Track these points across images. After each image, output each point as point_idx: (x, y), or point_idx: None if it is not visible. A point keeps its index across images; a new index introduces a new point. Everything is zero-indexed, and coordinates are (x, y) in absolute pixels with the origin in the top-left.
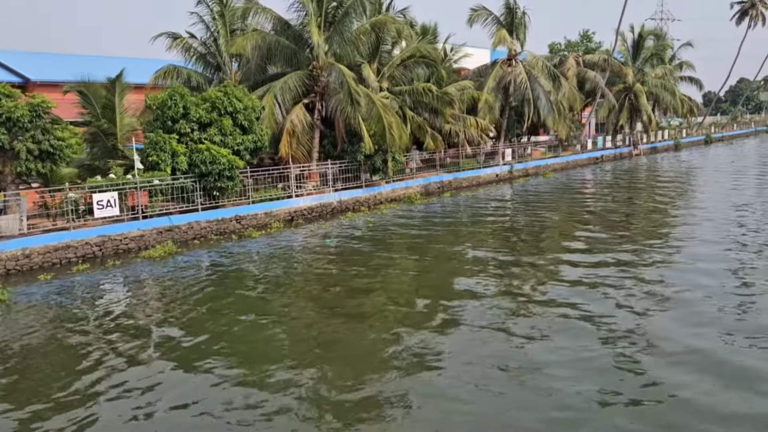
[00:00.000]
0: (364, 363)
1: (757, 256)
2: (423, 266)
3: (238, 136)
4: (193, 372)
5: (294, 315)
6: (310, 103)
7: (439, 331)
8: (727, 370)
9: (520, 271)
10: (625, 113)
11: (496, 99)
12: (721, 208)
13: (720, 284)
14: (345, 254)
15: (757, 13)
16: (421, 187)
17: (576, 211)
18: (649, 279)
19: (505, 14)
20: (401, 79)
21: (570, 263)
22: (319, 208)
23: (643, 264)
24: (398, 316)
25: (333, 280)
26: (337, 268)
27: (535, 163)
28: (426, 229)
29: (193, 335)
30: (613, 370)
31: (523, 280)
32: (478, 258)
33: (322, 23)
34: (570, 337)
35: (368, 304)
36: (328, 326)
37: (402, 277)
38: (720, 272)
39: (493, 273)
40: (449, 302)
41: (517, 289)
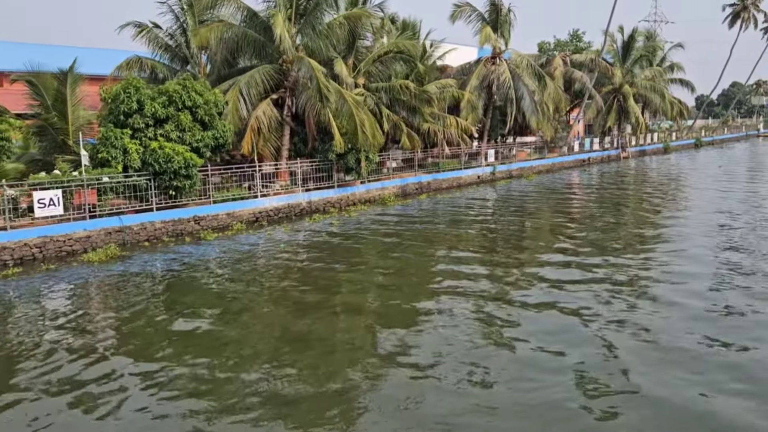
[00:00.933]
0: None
1: (744, 278)
2: (387, 279)
3: (197, 132)
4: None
5: (237, 338)
6: (279, 98)
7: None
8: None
9: (491, 281)
10: (613, 115)
11: (479, 98)
12: (705, 220)
13: (703, 306)
14: (300, 262)
15: (749, 15)
16: (398, 188)
17: (557, 218)
18: (633, 303)
19: (490, 11)
20: (378, 75)
21: (547, 280)
22: (287, 209)
23: (626, 284)
24: (348, 343)
25: (283, 293)
26: (295, 274)
27: (519, 164)
28: (397, 236)
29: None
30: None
31: (497, 291)
32: (451, 270)
33: (293, 15)
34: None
35: (316, 330)
36: (276, 352)
37: (359, 296)
38: (703, 293)
39: (463, 287)
40: (410, 333)
41: (489, 299)
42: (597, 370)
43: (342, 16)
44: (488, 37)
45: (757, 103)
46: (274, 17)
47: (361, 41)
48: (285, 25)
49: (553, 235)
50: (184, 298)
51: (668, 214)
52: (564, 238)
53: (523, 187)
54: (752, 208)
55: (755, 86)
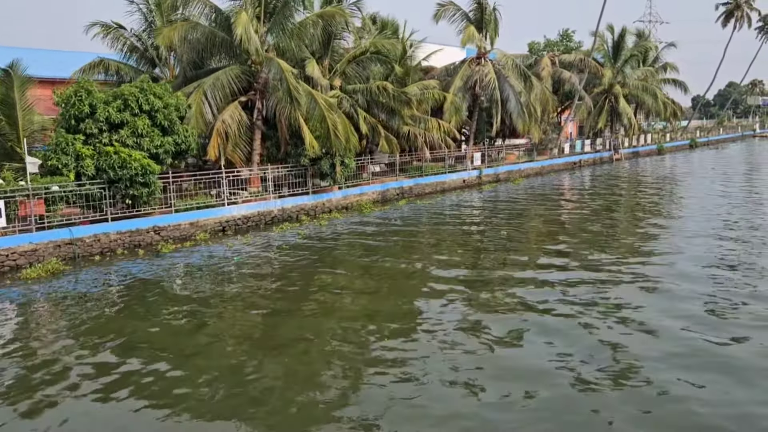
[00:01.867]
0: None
1: (738, 289)
2: (357, 301)
3: (156, 138)
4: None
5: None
6: (249, 101)
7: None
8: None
9: (471, 304)
10: (605, 116)
11: (463, 100)
12: (700, 230)
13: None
14: (256, 276)
15: (742, 14)
16: (377, 193)
17: (543, 226)
18: (624, 316)
19: (475, 10)
20: (355, 77)
21: (525, 304)
22: (257, 217)
23: (612, 308)
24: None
25: (237, 316)
26: (249, 295)
27: (507, 167)
28: (371, 248)
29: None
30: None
31: (475, 304)
32: (430, 289)
33: (262, 14)
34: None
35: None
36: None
37: (323, 324)
38: (697, 312)
39: (443, 306)
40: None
41: (468, 323)
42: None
43: (315, 15)
44: (472, 36)
45: (753, 103)
46: (237, 16)
47: (338, 41)
48: (253, 25)
49: (538, 245)
50: (120, 325)
51: (661, 222)
52: (549, 250)
53: (510, 191)
54: (750, 214)
55: (751, 86)
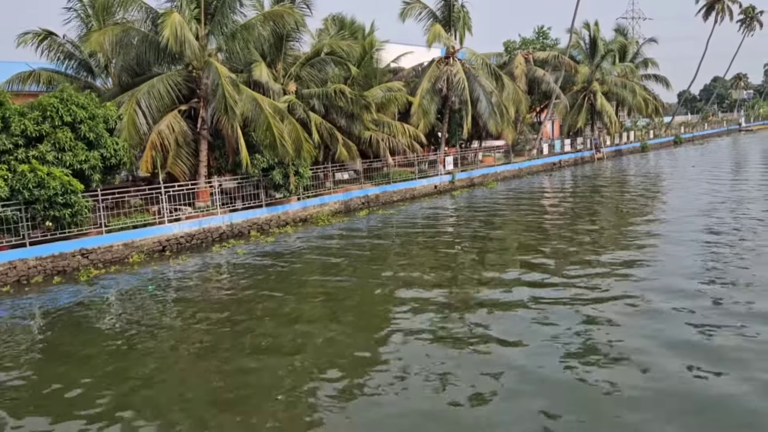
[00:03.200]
0: None
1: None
2: (304, 332)
3: (81, 152)
4: None
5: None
6: (191, 109)
7: None
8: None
9: (443, 327)
10: (584, 114)
11: (432, 102)
12: (685, 238)
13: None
14: (188, 305)
15: (723, 6)
16: (340, 203)
17: (518, 235)
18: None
19: (442, 7)
20: (312, 80)
21: (501, 341)
22: (202, 234)
23: (592, 340)
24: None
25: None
26: (166, 328)
27: (482, 171)
28: (324, 267)
29: None
30: None
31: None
32: (393, 316)
33: (202, 15)
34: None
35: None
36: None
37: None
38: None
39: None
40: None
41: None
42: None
43: (261, 15)
44: (438, 35)
45: (738, 97)
46: (166, 17)
47: (292, 43)
48: (191, 27)
49: (513, 259)
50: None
51: (643, 229)
52: (526, 264)
53: (484, 196)
54: (737, 217)
55: (735, 80)
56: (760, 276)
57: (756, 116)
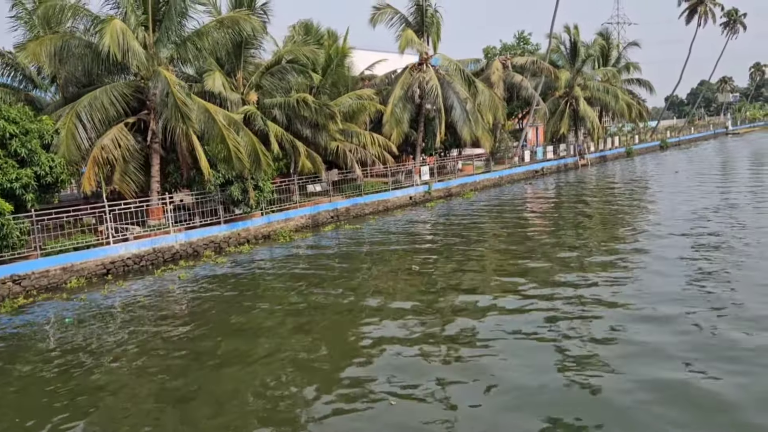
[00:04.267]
0: None
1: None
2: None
3: (11, 170)
4: None
5: None
6: (139, 122)
7: None
8: None
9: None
10: (566, 120)
11: (405, 110)
12: (669, 252)
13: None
14: (121, 341)
15: (705, 9)
16: (307, 217)
17: (494, 252)
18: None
19: (414, 13)
20: (274, 89)
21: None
22: (152, 254)
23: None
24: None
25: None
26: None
27: (460, 180)
28: (283, 294)
29: None
30: None
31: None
32: (359, 351)
33: (150, 21)
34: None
35: None
36: None
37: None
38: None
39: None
40: None
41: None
42: None
43: (215, 22)
44: (410, 40)
45: (724, 100)
46: (105, 24)
47: (251, 51)
48: (137, 34)
49: (486, 276)
50: None
51: (627, 246)
52: (503, 286)
53: (458, 208)
54: (725, 230)
55: (720, 83)
56: (750, 304)
57: (743, 119)
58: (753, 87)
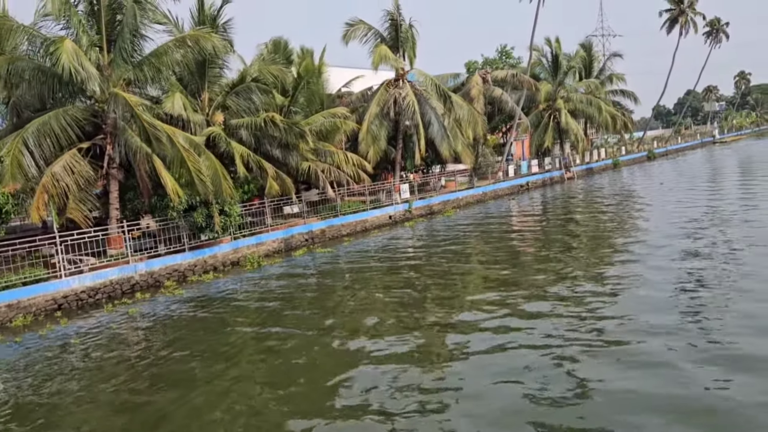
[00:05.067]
0: None
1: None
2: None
3: None
4: None
5: None
6: (94, 147)
7: None
8: None
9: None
10: (551, 133)
11: (382, 127)
12: (659, 275)
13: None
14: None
15: (686, 20)
16: (280, 241)
17: (472, 275)
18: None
19: (389, 28)
20: (242, 109)
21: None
22: (109, 287)
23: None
24: None
25: None
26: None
27: (442, 198)
28: (246, 331)
29: None
30: None
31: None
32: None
33: (104, 41)
34: None
35: None
36: None
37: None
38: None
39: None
40: None
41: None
42: None
43: (174, 41)
44: (385, 56)
45: (710, 109)
46: (57, 45)
47: (216, 70)
48: (90, 55)
49: (467, 299)
50: None
51: (612, 272)
52: (482, 311)
53: (439, 227)
54: (715, 246)
55: (706, 92)
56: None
57: (730, 127)
58: (738, 95)
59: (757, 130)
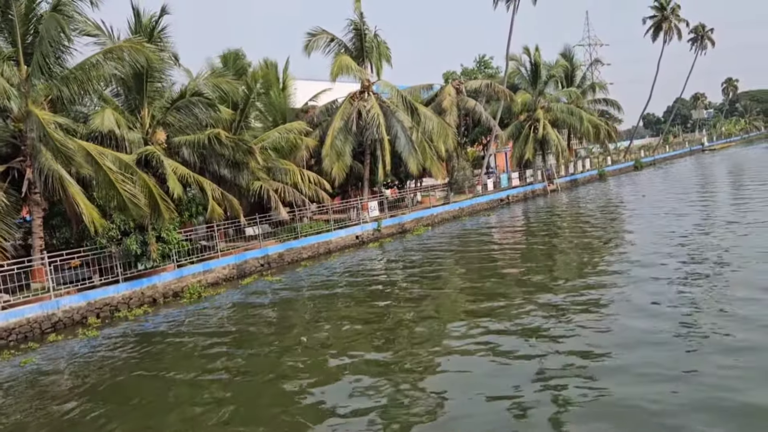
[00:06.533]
0: None
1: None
2: None
3: None
4: None
5: None
6: (12, 171)
7: None
8: None
9: None
10: (531, 144)
11: (347, 142)
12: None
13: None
14: None
15: (670, 26)
16: (231, 267)
17: (440, 310)
18: None
19: (353, 38)
20: (187, 126)
21: None
22: (25, 326)
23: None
24: None
25: None
26: None
27: (414, 215)
28: (174, 379)
29: None
30: None
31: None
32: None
33: (20, 54)
34: None
35: None
36: None
37: None
38: None
39: None
40: None
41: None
42: None
43: (101, 53)
44: (346, 67)
45: (698, 116)
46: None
47: (157, 84)
48: (2, 70)
49: (437, 328)
50: None
51: (598, 296)
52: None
53: (408, 247)
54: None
55: (693, 100)
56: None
57: (718, 135)
58: (727, 102)
59: (746, 136)
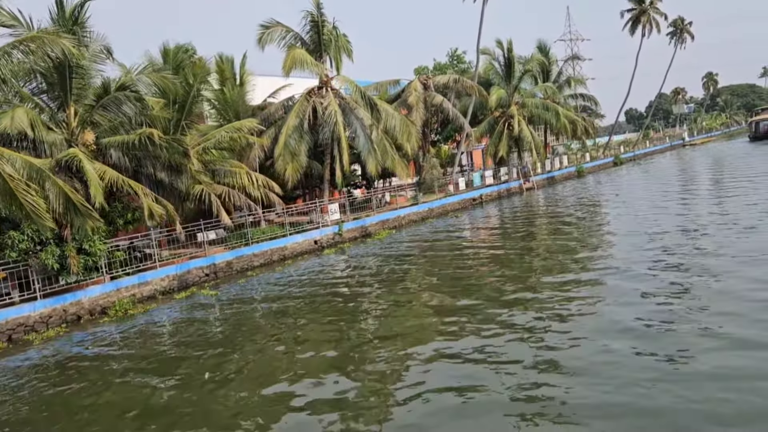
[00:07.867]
0: None
1: None
2: None
3: None
4: None
5: None
6: None
7: None
8: None
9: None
10: (505, 141)
11: (302, 141)
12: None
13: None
14: None
15: (648, 19)
16: (172, 279)
17: (398, 328)
18: None
19: (310, 31)
20: (116, 126)
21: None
22: None
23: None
24: None
25: None
26: None
27: (380, 217)
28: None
29: None
30: None
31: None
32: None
33: None
34: None
35: None
36: None
37: None
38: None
39: None
40: None
41: None
42: None
43: (9, 45)
44: (300, 61)
45: (679, 111)
46: None
47: (84, 80)
48: None
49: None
50: None
51: (575, 307)
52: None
53: (369, 252)
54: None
55: (674, 94)
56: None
57: (699, 129)
58: (708, 97)
59: (727, 131)
